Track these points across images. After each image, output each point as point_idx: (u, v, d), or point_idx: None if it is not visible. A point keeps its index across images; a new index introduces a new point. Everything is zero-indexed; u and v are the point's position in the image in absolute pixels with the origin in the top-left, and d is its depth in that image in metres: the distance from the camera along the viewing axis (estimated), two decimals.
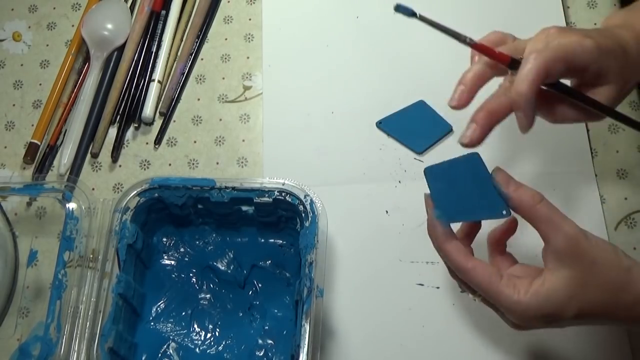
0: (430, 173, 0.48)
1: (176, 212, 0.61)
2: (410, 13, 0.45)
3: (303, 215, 0.57)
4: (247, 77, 0.70)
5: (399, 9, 0.46)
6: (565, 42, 0.46)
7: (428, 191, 0.48)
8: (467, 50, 0.48)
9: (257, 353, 0.58)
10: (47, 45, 0.73)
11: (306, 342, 0.51)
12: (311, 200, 0.56)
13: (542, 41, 0.47)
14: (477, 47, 0.47)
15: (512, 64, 0.47)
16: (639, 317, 0.45)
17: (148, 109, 0.68)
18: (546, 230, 0.45)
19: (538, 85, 0.46)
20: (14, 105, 0.71)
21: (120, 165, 0.68)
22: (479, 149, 0.47)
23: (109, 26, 0.72)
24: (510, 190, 0.46)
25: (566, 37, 0.47)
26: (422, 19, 0.45)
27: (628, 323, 0.47)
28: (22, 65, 0.73)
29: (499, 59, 0.47)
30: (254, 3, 0.74)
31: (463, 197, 0.47)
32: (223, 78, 0.70)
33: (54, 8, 0.75)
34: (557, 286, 0.44)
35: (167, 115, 0.69)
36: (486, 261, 0.49)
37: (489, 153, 0.64)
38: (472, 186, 0.46)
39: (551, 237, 0.44)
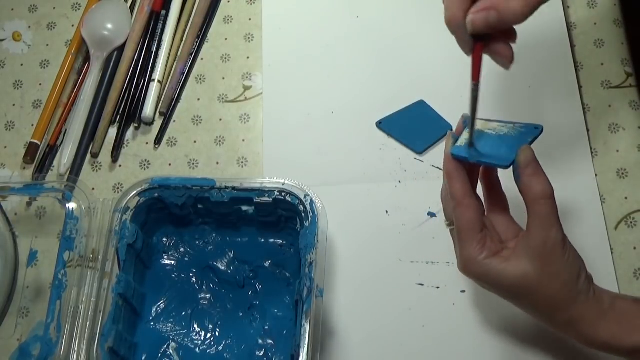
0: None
1: (176, 212, 0.61)
2: None
3: (303, 215, 0.57)
4: (247, 77, 0.70)
5: None
6: None
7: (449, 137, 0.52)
8: None
9: (257, 353, 0.58)
10: (47, 45, 0.73)
11: (306, 342, 0.51)
12: (311, 200, 0.56)
13: None
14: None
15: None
16: (562, 331, 0.50)
17: (148, 109, 0.68)
18: (534, 224, 0.47)
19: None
20: (14, 105, 0.71)
21: (120, 165, 0.68)
22: None
23: (109, 26, 0.72)
24: (525, 173, 0.47)
25: None
26: None
27: (549, 327, 0.51)
28: (22, 65, 0.73)
29: None
30: (254, 3, 0.74)
31: (484, 147, 0.50)
32: (223, 78, 0.70)
33: (54, 8, 0.75)
34: (510, 272, 0.47)
35: (167, 115, 0.69)
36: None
37: None
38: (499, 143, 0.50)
39: (534, 232, 0.47)
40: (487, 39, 0.46)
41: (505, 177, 0.51)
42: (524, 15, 0.44)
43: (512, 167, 0.48)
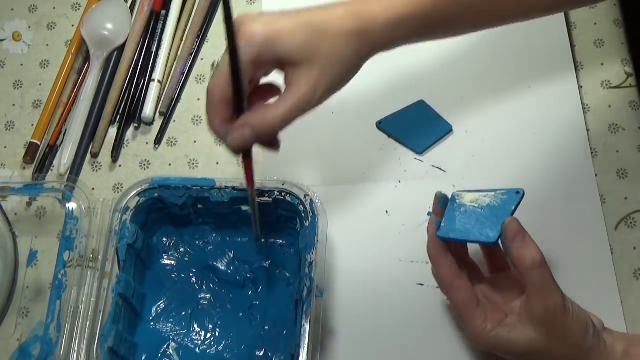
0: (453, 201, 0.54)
1: (176, 212, 0.61)
2: None
3: (303, 215, 0.57)
4: None
5: None
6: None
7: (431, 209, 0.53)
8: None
9: (257, 353, 0.58)
10: (47, 45, 0.73)
11: (306, 342, 0.51)
12: (311, 200, 0.56)
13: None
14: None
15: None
16: None
17: (148, 109, 0.68)
18: (532, 293, 0.48)
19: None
20: (14, 105, 0.71)
21: (120, 165, 0.68)
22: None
23: (109, 26, 0.72)
24: (513, 247, 0.48)
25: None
26: None
27: None
28: (22, 65, 0.73)
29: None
30: (254, 3, 0.74)
31: (468, 223, 0.51)
32: None
33: (54, 8, 0.75)
34: (519, 340, 0.48)
35: (167, 115, 0.69)
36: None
37: (489, 154, 0.64)
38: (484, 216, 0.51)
39: (534, 301, 0.48)
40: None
41: None
42: (281, 125, 0.47)
43: (500, 240, 0.49)
